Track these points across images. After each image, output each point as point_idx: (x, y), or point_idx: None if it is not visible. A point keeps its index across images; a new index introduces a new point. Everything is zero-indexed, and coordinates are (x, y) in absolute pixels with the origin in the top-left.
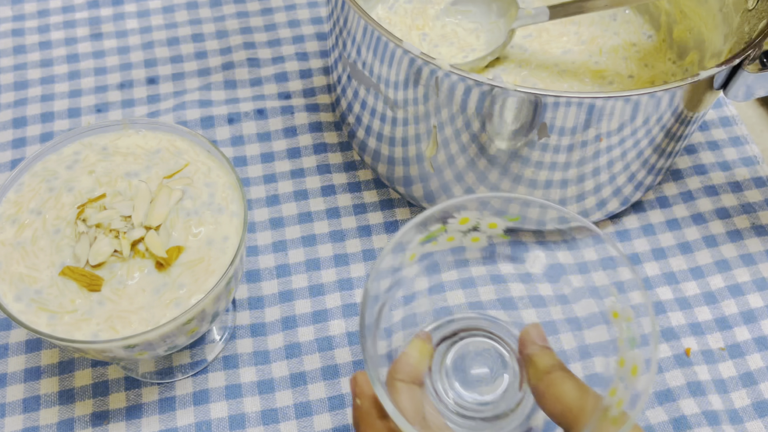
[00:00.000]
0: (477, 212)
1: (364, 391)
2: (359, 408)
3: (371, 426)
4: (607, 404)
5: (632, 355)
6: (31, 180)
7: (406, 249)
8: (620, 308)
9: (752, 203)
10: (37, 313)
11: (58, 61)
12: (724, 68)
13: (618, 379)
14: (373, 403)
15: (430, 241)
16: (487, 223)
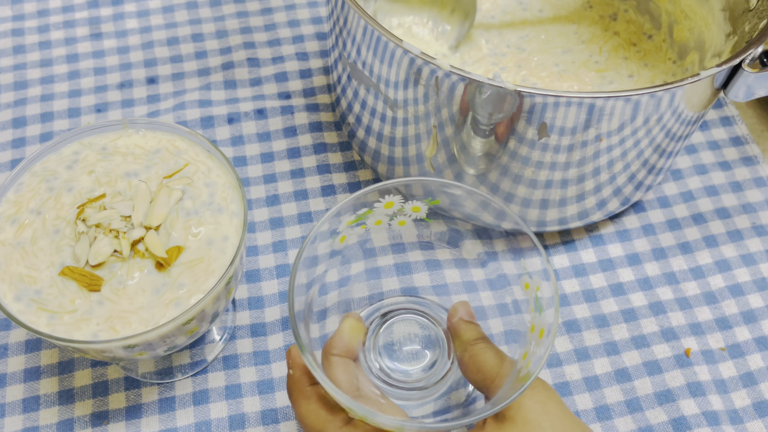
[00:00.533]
0: (400, 196)
1: (296, 362)
2: (292, 377)
3: (302, 392)
4: (520, 367)
5: (540, 321)
6: (30, 180)
7: (336, 232)
8: (529, 281)
9: (752, 203)
10: (37, 313)
11: (57, 61)
12: (725, 68)
13: (530, 344)
14: (304, 372)
15: (359, 224)
16: (410, 206)
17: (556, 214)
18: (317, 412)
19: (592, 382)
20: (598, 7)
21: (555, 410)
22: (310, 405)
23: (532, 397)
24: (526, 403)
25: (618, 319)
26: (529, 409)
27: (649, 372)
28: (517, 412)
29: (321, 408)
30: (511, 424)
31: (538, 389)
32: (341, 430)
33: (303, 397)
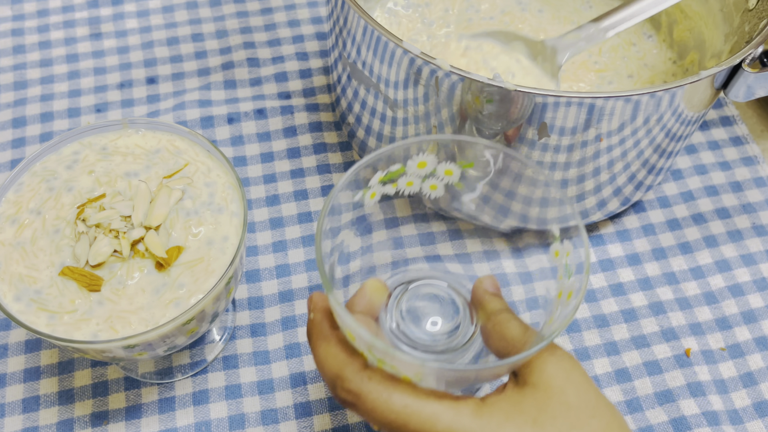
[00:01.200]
0: (434, 156)
1: (318, 306)
2: (312, 321)
3: (322, 335)
4: (544, 333)
5: (567, 286)
6: (30, 180)
7: (368, 185)
8: (560, 248)
9: (753, 203)
10: (37, 313)
11: (57, 61)
12: (725, 68)
13: (556, 310)
14: (326, 316)
15: (391, 182)
16: (443, 169)
17: None
18: (336, 354)
19: None
20: (597, 7)
21: (580, 380)
22: (329, 347)
23: (556, 365)
24: (549, 370)
25: (618, 319)
26: (553, 375)
27: (649, 372)
28: (540, 377)
29: (340, 351)
30: (533, 390)
31: (563, 358)
32: (359, 374)
33: (323, 339)
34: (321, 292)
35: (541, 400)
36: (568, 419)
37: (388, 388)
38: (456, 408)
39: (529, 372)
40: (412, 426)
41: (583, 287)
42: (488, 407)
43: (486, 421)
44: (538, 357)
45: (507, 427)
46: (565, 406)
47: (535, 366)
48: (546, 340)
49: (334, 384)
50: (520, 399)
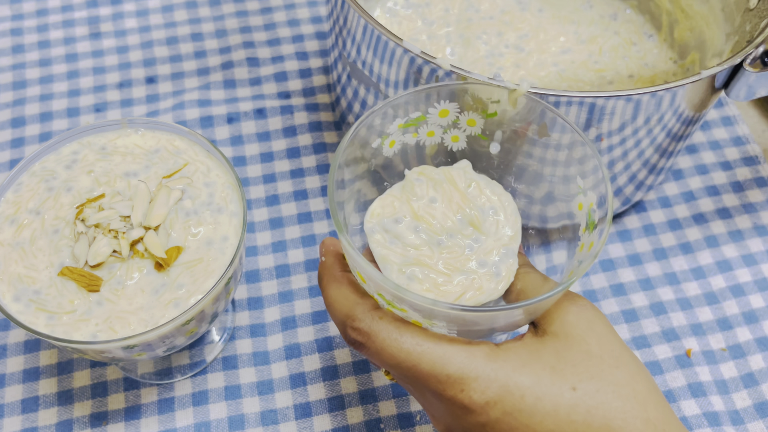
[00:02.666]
0: (456, 105)
1: (330, 250)
2: (324, 264)
3: (333, 277)
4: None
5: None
6: (29, 180)
7: (387, 132)
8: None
9: (754, 203)
10: (36, 313)
11: (56, 61)
12: (726, 67)
13: (576, 262)
14: (337, 259)
15: (410, 131)
16: (466, 119)
17: None
18: (347, 295)
19: None
20: (598, 6)
21: (603, 330)
22: (340, 288)
23: (578, 314)
24: (569, 319)
25: (619, 320)
26: (573, 324)
27: (650, 372)
28: (560, 326)
29: (351, 292)
30: (553, 339)
31: (585, 307)
32: (369, 313)
33: (333, 281)
34: (333, 237)
35: (560, 348)
36: (589, 368)
37: (399, 327)
38: (469, 350)
39: (549, 321)
40: (423, 366)
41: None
42: (504, 352)
43: (500, 365)
44: (559, 306)
45: (523, 373)
46: (586, 355)
47: (556, 315)
48: (567, 283)
49: (344, 324)
50: (539, 347)
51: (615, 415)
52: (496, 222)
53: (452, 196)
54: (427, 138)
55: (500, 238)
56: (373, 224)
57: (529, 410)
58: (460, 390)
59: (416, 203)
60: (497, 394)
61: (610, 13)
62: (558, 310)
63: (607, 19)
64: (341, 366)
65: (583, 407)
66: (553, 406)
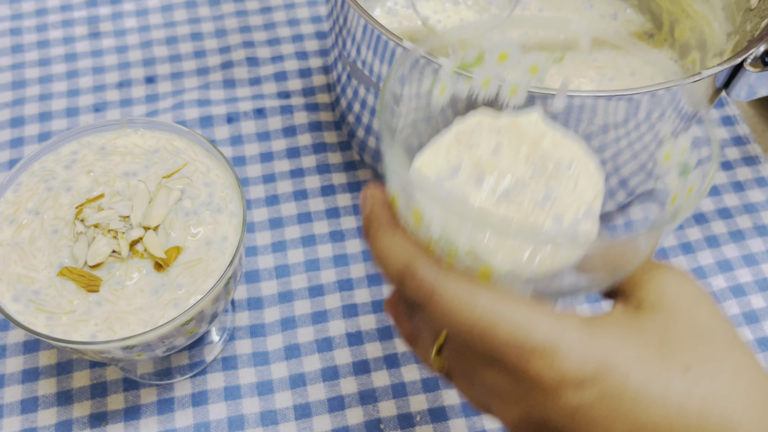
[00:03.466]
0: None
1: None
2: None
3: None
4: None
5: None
6: (29, 180)
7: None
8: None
9: (754, 203)
10: (35, 313)
11: (56, 60)
12: (726, 67)
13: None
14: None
15: (464, 76)
16: (529, 63)
17: None
18: (404, 245)
19: None
20: (598, 6)
21: (711, 308)
22: (395, 237)
23: (680, 286)
24: (671, 291)
25: None
26: (677, 296)
27: None
28: (660, 299)
29: (408, 242)
30: (652, 314)
31: (688, 279)
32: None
33: (385, 229)
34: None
35: (665, 321)
36: (702, 348)
37: (471, 286)
38: (560, 317)
39: (645, 292)
40: (501, 332)
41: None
42: (599, 325)
43: (598, 339)
44: (655, 277)
45: (626, 346)
46: (697, 333)
47: (652, 286)
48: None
49: (402, 277)
50: (638, 321)
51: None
52: (576, 176)
53: (521, 143)
54: (482, 88)
55: (581, 195)
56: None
57: (633, 394)
58: (549, 365)
59: (478, 150)
60: (596, 370)
61: (610, 12)
62: (654, 281)
63: (608, 19)
64: (341, 366)
65: (698, 396)
66: (661, 392)
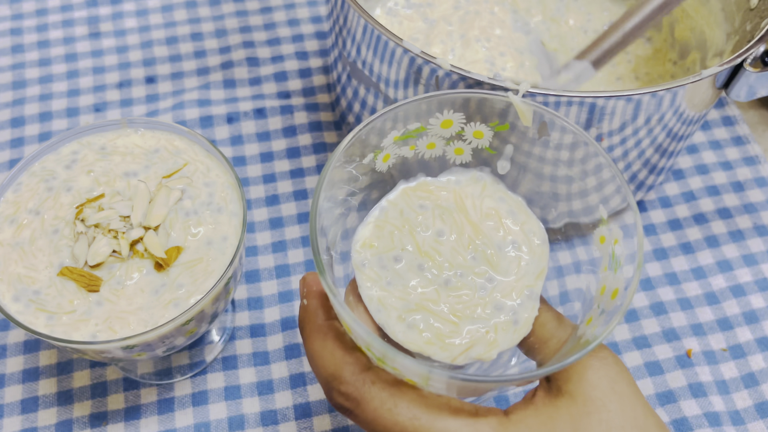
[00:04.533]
0: (462, 114)
1: (312, 290)
2: (305, 308)
3: (316, 326)
4: (581, 333)
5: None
6: (29, 180)
7: (380, 146)
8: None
9: (754, 203)
10: (36, 313)
11: (56, 60)
12: (726, 67)
13: (597, 307)
14: (321, 303)
15: (408, 143)
16: (472, 130)
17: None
18: (333, 350)
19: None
20: (596, 14)
21: (626, 391)
22: (325, 342)
23: (599, 370)
24: (590, 378)
25: None
26: (594, 385)
27: (650, 372)
28: (578, 386)
29: (338, 347)
30: (569, 401)
31: (608, 362)
32: (360, 376)
33: (317, 332)
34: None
35: (577, 415)
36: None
37: (393, 395)
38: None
39: (566, 378)
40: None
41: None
42: (514, 425)
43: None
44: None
45: None
46: (605, 426)
47: (574, 371)
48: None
49: (329, 386)
50: (553, 413)
51: None
52: (518, 259)
53: (463, 228)
54: (427, 150)
55: (522, 277)
56: (366, 257)
57: None
58: None
59: (421, 235)
60: None
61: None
62: (577, 365)
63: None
64: None
65: None
66: None
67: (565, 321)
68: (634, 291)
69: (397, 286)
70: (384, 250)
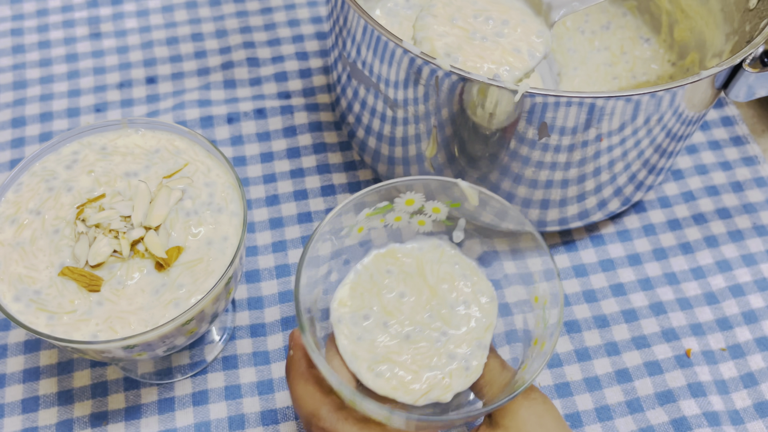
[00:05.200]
0: (422, 194)
1: (297, 343)
2: (291, 358)
3: (299, 373)
4: (518, 378)
5: (542, 334)
6: (30, 180)
7: (355, 221)
8: (540, 295)
9: (753, 203)
10: (36, 313)
11: (57, 61)
12: (725, 68)
13: (531, 357)
14: (304, 354)
15: (378, 217)
16: (431, 207)
17: (557, 214)
18: (313, 393)
19: (593, 383)
20: (594, 15)
21: (551, 424)
22: (306, 386)
23: (529, 408)
24: (521, 414)
25: (618, 320)
26: (525, 420)
27: (649, 372)
28: (512, 421)
29: (317, 390)
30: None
31: (537, 401)
32: (334, 414)
33: (300, 377)
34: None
35: None
36: None
37: (362, 429)
38: None
39: (502, 415)
40: None
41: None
42: None
43: None
44: (511, 403)
45: None
46: None
47: (509, 409)
48: (519, 390)
49: (309, 422)
50: None
51: None
52: (467, 316)
53: (422, 290)
54: (394, 222)
55: (471, 330)
56: (342, 314)
57: None
58: None
59: (386, 297)
60: None
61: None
62: (512, 404)
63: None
64: None
65: None
66: None
67: (507, 367)
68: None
69: (366, 341)
70: (356, 308)
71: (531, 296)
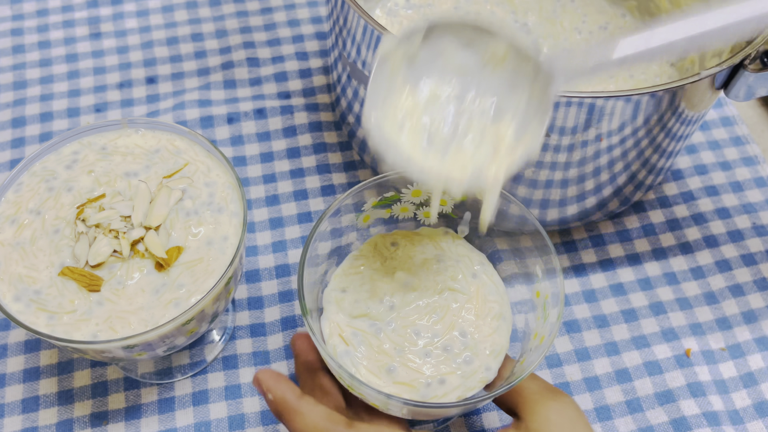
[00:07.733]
0: None
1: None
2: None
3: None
4: (517, 369)
5: (543, 328)
6: (30, 180)
7: (362, 210)
8: (542, 289)
9: (753, 203)
10: (36, 313)
11: (57, 61)
12: (725, 68)
13: (530, 350)
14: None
15: (385, 207)
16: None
17: (557, 214)
18: (316, 422)
19: (593, 383)
20: (592, 16)
21: (583, 430)
22: (305, 418)
23: (560, 412)
24: (552, 418)
25: (618, 319)
26: (556, 423)
27: (649, 372)
28: (543, 425)
29: (319, 419)
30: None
31: (568, 405)
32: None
33: (295, 413)
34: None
35: None
36: None
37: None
38: None
39: (532, 417)
40: None
41: (552, 336)
42: None
43: None
44: (543, 402)
45: None
46: None
47: (539, 410)
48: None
49: None
50: None
51: None
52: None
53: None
54: (401, 213)
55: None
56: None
57: None
58: None
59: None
60: None
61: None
62: (541, 407)
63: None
64: None
65: None
66: None
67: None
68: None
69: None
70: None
71: (533, 293)
